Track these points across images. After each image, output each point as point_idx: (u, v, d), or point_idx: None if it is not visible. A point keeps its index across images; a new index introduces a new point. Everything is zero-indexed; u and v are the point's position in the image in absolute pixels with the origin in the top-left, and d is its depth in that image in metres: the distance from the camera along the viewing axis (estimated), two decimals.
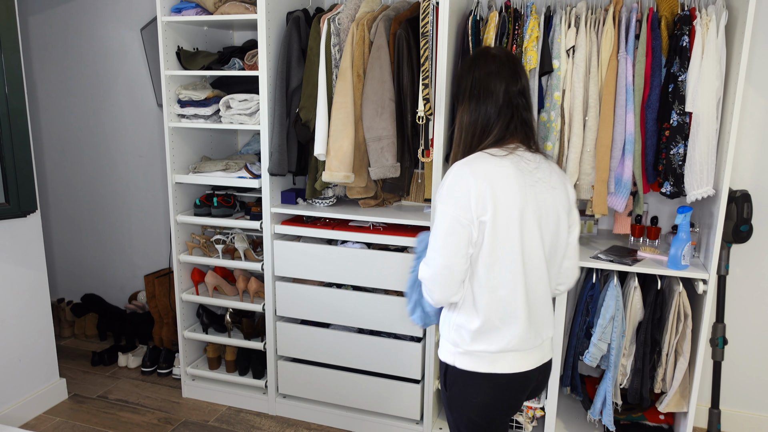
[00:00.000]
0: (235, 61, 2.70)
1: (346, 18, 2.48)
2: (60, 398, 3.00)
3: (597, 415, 2.44)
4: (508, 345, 1.53)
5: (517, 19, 2.31)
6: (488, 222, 1.46)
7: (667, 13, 2.18)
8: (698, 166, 2.13)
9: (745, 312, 2.65)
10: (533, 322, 1.55)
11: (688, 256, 2.22)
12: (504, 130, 1.55)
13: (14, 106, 2.55)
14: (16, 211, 2.65)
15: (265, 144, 2.61)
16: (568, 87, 2.27)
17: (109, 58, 3.48)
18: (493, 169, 1.48)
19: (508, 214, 1.47)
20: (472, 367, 1.56)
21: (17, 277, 2.74)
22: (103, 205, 3.72)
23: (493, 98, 1.55)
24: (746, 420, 2.72)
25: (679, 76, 2.14)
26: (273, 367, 2.84)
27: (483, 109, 1.56)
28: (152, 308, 3.38)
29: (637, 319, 2.34)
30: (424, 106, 2.33)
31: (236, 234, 2.87)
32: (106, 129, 3.59)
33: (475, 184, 1.46)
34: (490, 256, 1.49)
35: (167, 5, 2.69)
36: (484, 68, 1.58)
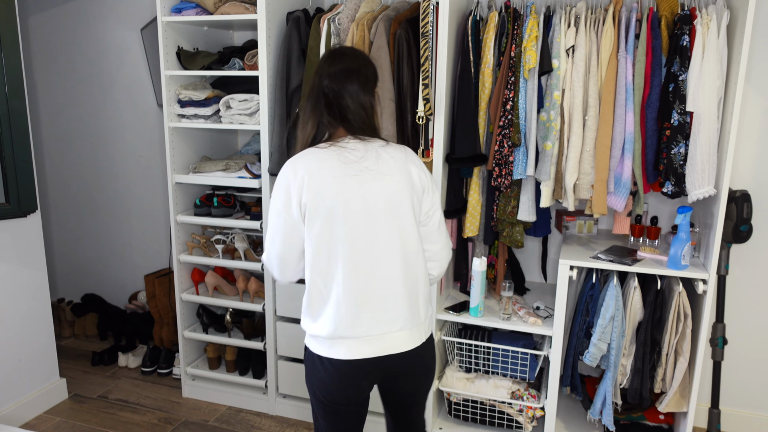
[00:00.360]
0: (235, 61, 2.70)
1: (346, 18, 2.48)
2: (60, 398, 3.00)
3: (597, 415, 2.44)
4: (335, 332, 1.58)
5: (517, 19, 2.31)
6: (308, 209, 1.55)
7: (667, 13, 2.18)
8: (699, 165, 2.13)
9: (745, 312, 2.65)
10: (370, 310, 1.58)
11: (688, 256, 2.22)
12: (322, 124, 1.62)
13: (14, 105, 2.55)
14: (16, 211, 2.65)
15: (265, 144, 2.61)
16: (568, 86, 2.27)
17: (109, 58, 3.48)
18: (312, 162, 1.56)
19: (326, 202, 1.54)
20: (312, 347, 1.66)
21: (17, 277, 2.74)
22: (103, 205, 3.72)
23: (313, 95, 1.63)
24: (746, 420, 2.73)
25: (679, 76, 2.14)
26: (273, 367, 2.84)
27: (308, 107, 1.64)
28: (152, 308, 3.38)
29: (637, 319, 2.34)
30: (424, 106, 2.33)
31: (236, 234, 2.87)
32: (106, 129, 3.59)
33: (294, 176, 1.56)
34: (313, 240, 1.57)
35: (167, 5, 2.69)
36: (318, 68, 1.67)
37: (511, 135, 2.31)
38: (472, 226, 2.51)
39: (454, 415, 2.67)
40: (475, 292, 2.42)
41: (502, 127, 2.32)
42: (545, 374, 2.62)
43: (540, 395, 2.51)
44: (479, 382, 2.55)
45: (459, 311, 2.51)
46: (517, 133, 2.31)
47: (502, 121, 2.31)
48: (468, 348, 2.56)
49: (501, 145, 2.33)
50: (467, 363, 2.58)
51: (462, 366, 2.60)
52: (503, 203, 2.45)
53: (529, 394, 2.50)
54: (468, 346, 2.56)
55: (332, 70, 1.62)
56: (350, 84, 1.61)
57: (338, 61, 1.64)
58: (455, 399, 2.63)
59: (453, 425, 2.66)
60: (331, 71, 1.62)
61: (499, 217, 2.46)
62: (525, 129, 2.33)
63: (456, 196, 2.47)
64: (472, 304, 2.43)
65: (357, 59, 1.67)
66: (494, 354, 2.49)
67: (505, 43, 2.33)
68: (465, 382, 2.56)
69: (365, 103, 1.64)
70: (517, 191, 2.43)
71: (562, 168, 2.33)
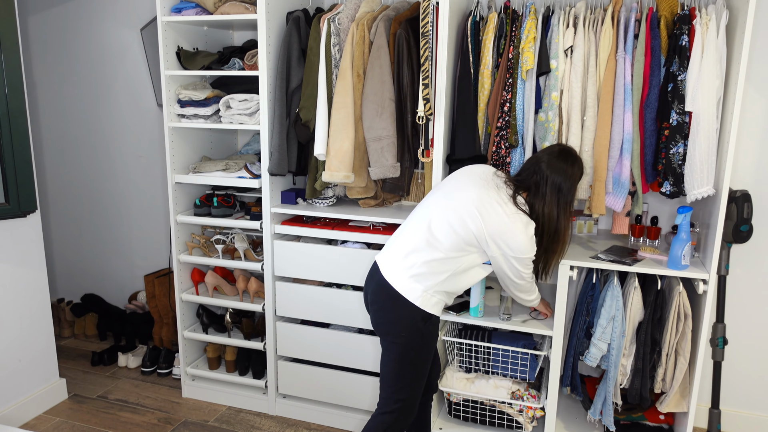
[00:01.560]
0: (235, 61, 2.70)
1: (346, 18, 2.48)
2: (60, 398, 3.00)
3: (597, 415, 2.43)
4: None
5: (515, 20, 2.31)
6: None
7: (666, 13, 2.18)
8: (698, 165, 2.13)
9: (745, 312, 2.65)
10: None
11: (688, 256, 2.22)
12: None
13: (14, 106, 2.55)
14: (16, 211, 2.65)
15: (265, 144, 2.61)
16: (566, 87, 2.27)
17: (109, 58, 3.48)
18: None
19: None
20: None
21: (17, 277, 2.74)
22: (103, 205, 3.72)
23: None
24: (746, 420, 2.72)
25: (678, 76, 2.14)
26: (273, 367, 2.84)
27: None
28: (152, 308, 3.38)
29: (637, 319, 2.33)
30: (424, 106, 2.33)
31: (236, 234, 2.87)
32: (106, 129, 3.59)
33: None
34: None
35: (167, 5, 2.69)
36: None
37: (509, 136, 2.31)
38: None
39: (454, 415, 2.67)
40: (475, 293, 2.41)
41: (500, 128, 2.32)
42: (545, 374, 2.62)
43: (540, 395, 2.51)
44: (479, 383, 2.54)
45: (459, 311, 2.51)
46: (514, 134, 2.31)
47: (500, 122, 2.31)
48: (468, 348, 2.56)
49: (499, 146, 2.33)
50: (467, 363, 2.58)
51: (462, 366, 2.60)
52: None
53: (529, 394, 2.50)
54: (468, 346, 2.56)
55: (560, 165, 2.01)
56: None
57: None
58: (455, 399, 2.63)
59: (453, 425, 2.66)
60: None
61: None
62: (522, 130, 2.33)
63: None
64: (472, 304, 2.43)
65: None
66: (494, 354, 2.49)
67: (503, 44, 2.33)
68: (465, 383, 2.56)
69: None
70: None
71: None
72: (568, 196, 1.99)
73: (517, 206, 1.93)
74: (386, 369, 2.03)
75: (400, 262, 1.97)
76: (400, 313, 1.96)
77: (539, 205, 1.97)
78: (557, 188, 1.97)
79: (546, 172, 1.97)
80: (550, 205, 1.97)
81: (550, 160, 1.99)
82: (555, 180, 1.97)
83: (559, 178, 1.97)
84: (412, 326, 1.96)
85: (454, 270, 1.95)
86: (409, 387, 2.02)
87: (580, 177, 2.07)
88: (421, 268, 1.94)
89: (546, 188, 1.97)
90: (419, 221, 1.99)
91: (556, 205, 1.97)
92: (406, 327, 1.96)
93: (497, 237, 1.91)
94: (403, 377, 2.01)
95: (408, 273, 1.95)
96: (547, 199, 1.97)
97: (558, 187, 1.97)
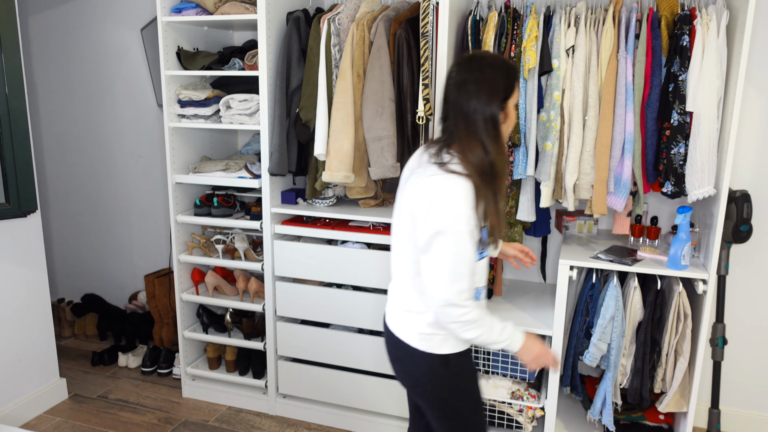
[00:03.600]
0: (235, 61, 2.70)
1: (346, 18, 2.48)
2: (60, 398, 3.00)
3: (597, 415, 2.44)
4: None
5: (516, 19, 2.31)
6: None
7: (667, 13, 2.18)
8: (699, 165, 2.13)
9: (745, 312, 2.65)
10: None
11: (688, 256, 2.22)
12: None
13: (14, 106, 2.55)
14: (16, 211, 2.65)
15: (265, 144, 2.61)
16: (568, 86, 2.27)
17: (109, 58, 3.48)
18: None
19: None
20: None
21: (17, 277, 2.74)
22: (103, 205, 3.72)
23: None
24: (746, 420, 2.73)
25: (679, 76, 2.14)
26: (273, 367, 2.84)
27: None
28: (152, 308, 3.38)
29: (637, 319, 2.34)
30: (424, 106, 2.33)
31: (236, 234, 2.87)
32: (106, 129, 3.59)
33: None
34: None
35: (167, 5, 2.69)
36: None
37: (511, 135, 2.31)
38: None
39: None
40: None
41: None
42: (545, 374, 2.62)
43: (540, 395, 2.51)
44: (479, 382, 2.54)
45: None
46: (517, 133, 2.31)
47: None
48: None
49: None
50: None
51: None
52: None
53: (529, 394, 2.50)
54: None
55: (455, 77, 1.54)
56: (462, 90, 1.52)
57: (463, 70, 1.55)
58: None
59: None
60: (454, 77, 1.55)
61: None
62: (525, 129, 2.33)
63: None
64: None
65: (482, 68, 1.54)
66: (494, 354, 2.49)
67: (504, 43, 2.33)
68: None
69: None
70: (516, 191, 2.43)
71: (561, 168, 2.33)
72: (476, 116, 1.48)
73: (441, 166, 1.49)
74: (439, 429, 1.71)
75: (395, 305, 1.68)
76: (401, 351, 1.66)
77: (462, 147, 1.50)
78: (464, 115, 1.50)
79: (452, 100, 1.52)
80: (465, 139, 1.49)
81: (454, 82, 1.53)
82: (461, 105, 1.49)
83: (463, 100, 1.49)
84: (432, 375, 1.62)
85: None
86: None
87: (497, 83, 1.51)
88: (405, 304, 1.64)
89: (458, 122, 1.51)
90: (393, 251, 1.67)
91: (468, 136, 1.49)
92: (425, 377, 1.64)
93: (417, 214, 1.49)
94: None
95: (401, 314, 1.66)
96: (461, 133, 1.50)
97: (464, 112, 1.49)
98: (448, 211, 1.44)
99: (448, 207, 1.44)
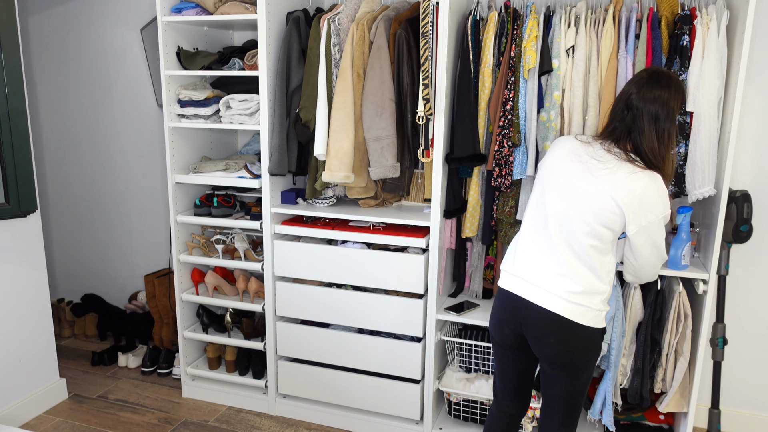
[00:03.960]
0: (235, 61, 2.70)
1: (346, 18, 2.48)
2: (60, 398, 3.00)
3: (597, 415, 2.43)
4: (505, 265, 1.93)
5: (516, 19, 2.31)
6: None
7: (667, 13, 2.18)
8: (700, 165, 2.13)
9: (745, 312, 2.65)
10: (533, 264, 1.84)
11: (688, 256, 2.22)
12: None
13: (14, 106, 2.55)
14: (16, 211, 2.65)
15: (265, 144, 2.61)
16: (568, 86, 2.27)
17: (109, 58, 3.48)
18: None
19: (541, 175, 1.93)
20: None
21: (17, 277, 2.74)
22: (103, 205, 3.72)
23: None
24: (746, 420, 2.72)
25: (680, 76, 2.14)
26: (273, 367, 2.84)
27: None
28: (152, 308, 3.38)
29: (637, 319, 2.34)
30: (424, 106, 2.33)
31: (236, 234, 2.87)
32: (106, 129, 3.59)
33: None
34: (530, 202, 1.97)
35: (167, 5, 2.69)
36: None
37: (511, 135, 2.31)
38: (472, 226, 2.51)
39: (454, 415, 2.67)
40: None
41: (502, 127, 2.32)
42: None
43: (540, 395, 2.51)
44: (479, 382, 2.55)
45: (459, 311, 2.51)
46: (517, 133, 2.31)
47: (502, 121, 2.31)
48: (468, 348, 2.56)
49: (501, 145, 2.33)
50: (467, 363, 2.58)
51: (462, 366, 2.60)
52: (502, 203, 2.45)
53: None
54: (468, 346, 2.56)
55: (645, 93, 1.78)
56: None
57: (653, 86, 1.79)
58: (455, 399, 2.63)
59: (453, 425, 2.66)
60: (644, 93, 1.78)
61: (498, 218, 2.46)
62: (525, 129, 2.33)
63: (455, 196, 2.47)
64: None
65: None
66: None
67: (504, 43, 2.33)
68: (465, 382, 2.56)
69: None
70: (516, 191, 2.43)
71: None
72: (665, 124, 1.77)
73: (630, 162, 1.76)
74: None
75: (557, 288, 1.80)
76: (577, 337, 1.82)
77: (643, 144, 1.78)
78: (654, 118, 1.77)
79: (638, 105, 1.78)
80: (650, 138, 1.77)
81: (640, 90, 1.79)
82: (650, 110, 1.77)
83: (654, 107, 1.76)
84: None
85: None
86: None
87: (681, 99, 1.82)
88: (579, 287, 1.78)
89: (643, 122, 1.77)
90: (550, 236, 1.82)
91: (655, 137, 1.77)
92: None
93: (636, 207, 1.73)
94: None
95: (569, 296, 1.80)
96: (646, 133, 1.77)
97: (655, 116, 1.76)
98: (664, 204, 1.78)
99: (663, 203, 1.78)
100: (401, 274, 2.48)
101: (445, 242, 2.54)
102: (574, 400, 1.91)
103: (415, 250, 2.54)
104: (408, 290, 2.50)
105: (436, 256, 2.45)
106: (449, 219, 2.53)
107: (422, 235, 2.48)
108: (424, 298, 2.52)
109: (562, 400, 1.90)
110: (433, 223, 2.43)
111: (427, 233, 2.50)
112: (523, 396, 2.06)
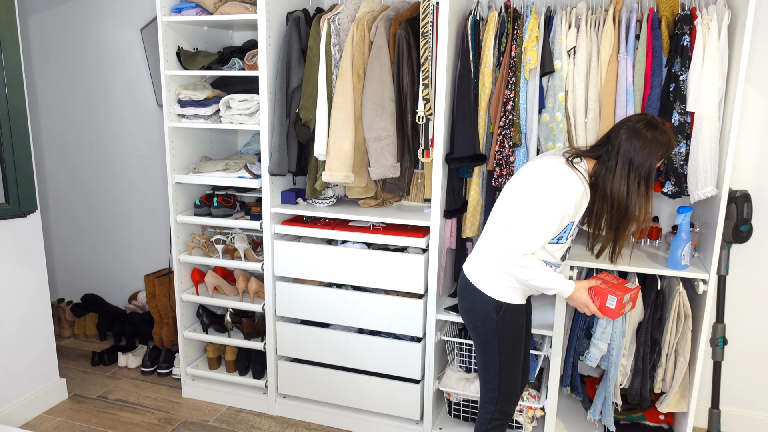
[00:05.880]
0: (235, 61, 2.70)
1: (346, 18, 2.48)
2: (60, 398, 3.00)
3: (597, 415, 2.44)
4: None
5: (516, 20, 2.31)
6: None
7: (667, 13, 2.18)
8: (702, 166, 2.13)
9: (745, 312, 2.65)
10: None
11: (688, 256, 2.22)
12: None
13: (14, 106, 2.55)
14: (16, 211, 2.65)
15: (265, 144, 2.61)
16: (570, 88, 2.27)
17: (109, 58, 3.48)
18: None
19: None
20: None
21: (17, 277, 2.74)
22: (103, 204, 3.72)
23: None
24: (746, 420, 2.72)
25: (680, 76, 2.14)
26: (273, 367, 2.84)
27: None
28: (152, 308, 3.38)
29: (637, 319, 2.34)
30: (424, 106, 2.33)
31: (236, 234, 2.87)
32: (106, 129, 3.59)
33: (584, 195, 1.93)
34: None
35: (167, 5, 2.69)
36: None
37: (512, 135, 2.31)
38: (472, 226, 2.51)
39: (454, 415, 2.67)
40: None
41: (503, 127, 2.32)
42: (545, 374, 2.62)
43: (540, 395, 2.51)
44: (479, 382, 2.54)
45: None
46: (518, 133, 2.31)
47: (503, 121, 2.31)
48: (468, 348, 2.56)
49: (502, 145, 2.33)
50: (467, 363, 2.58)
51: (462, 366, 2.60)
52: None
53: (529, 394, 2.50)
54: (468, 346, 2.56)
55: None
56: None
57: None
58: (455, 399, 2.63)
59: (453, 425, 2.66)
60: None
61: None
62: (525, 129, 2.33)
63: (455, 196, 2.47)
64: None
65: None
66: None
67: (505, 43, 2.33)
68: (465, 383, 2.56)
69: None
70: None
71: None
72: (640, 170, 1.76)
73: (569, 163, 1.79)
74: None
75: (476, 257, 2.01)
76: (470, 294, 2.01)
77: (606, 178, 1.78)
78: (628, 160, 1.76)
79: (620, 139, 1.77)
80: (619, 179, 1.76)
81: (634, 126, 1.78)
82: (626, 150, 1.76)
83: (631, 149, 1.75)
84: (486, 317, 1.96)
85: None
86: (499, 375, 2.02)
87: (663, 152, 1.79)
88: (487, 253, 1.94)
89: (616, 160, 1.77)
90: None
91: (626, 180, 1.76)
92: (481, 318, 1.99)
93: (524, 181, 1.84)
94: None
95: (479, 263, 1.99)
96: (617, 172, 1.76)
97: (629, 158, 1.75)
98: (548, 191, 1.83)
99: (549, 189, 1.82)
100: (401, 274, 2.48)
101: (445, 242, 2.54)
102: (484, 372, 2.03)
103: (415, 250, 2.54)
104: (408, 290, 2.50)
105: (436, 256, 2.45)
106: (449, 219, 2.53)
107: (422, 235, 2.48)
108: (424, 298, 2.52)
109: (479, 373, 2.08)
110: (433, 223, 2.43)
111: (427, 233, 2.50)
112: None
